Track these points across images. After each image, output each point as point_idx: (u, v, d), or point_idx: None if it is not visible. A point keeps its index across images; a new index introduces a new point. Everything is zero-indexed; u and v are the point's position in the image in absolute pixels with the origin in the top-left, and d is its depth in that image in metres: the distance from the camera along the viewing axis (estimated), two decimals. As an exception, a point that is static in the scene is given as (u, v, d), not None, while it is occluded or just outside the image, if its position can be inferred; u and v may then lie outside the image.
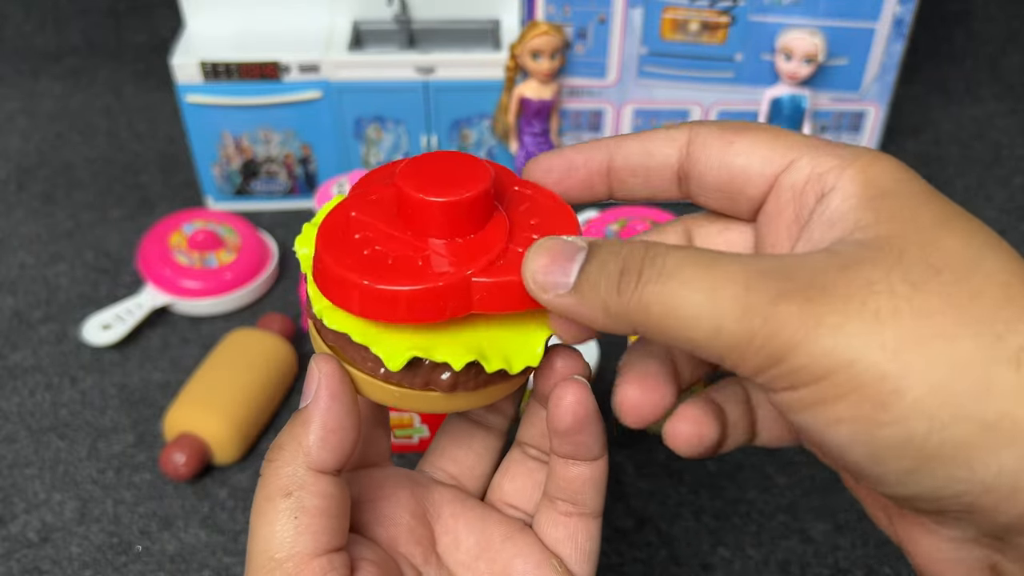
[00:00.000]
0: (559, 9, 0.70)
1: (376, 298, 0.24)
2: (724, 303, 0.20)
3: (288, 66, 0.70)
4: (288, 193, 0.78)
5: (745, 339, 0.20)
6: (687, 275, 0.21)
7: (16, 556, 0.52)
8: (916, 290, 0.19)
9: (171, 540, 0.53)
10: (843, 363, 0.19)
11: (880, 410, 0.19)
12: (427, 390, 0.26)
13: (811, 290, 0.20)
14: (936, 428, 0.19)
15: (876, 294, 0.19)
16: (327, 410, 0.25)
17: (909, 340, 0.19)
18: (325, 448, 0.25)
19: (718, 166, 0.25)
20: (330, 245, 0.25)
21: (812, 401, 0.20)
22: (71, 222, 0.77)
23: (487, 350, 0.26)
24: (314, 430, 0.25)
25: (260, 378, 0.58)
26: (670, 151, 0.26)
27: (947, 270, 0.20)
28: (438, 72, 0.71)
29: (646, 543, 0.53)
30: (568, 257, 0.23)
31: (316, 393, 0.25)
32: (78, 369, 0.63)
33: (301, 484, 0.25)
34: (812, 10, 0.68)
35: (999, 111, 0.91)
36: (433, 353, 0.25)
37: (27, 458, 0.57)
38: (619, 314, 0.22)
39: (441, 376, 0.26)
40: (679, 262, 0.21)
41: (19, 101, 0.93)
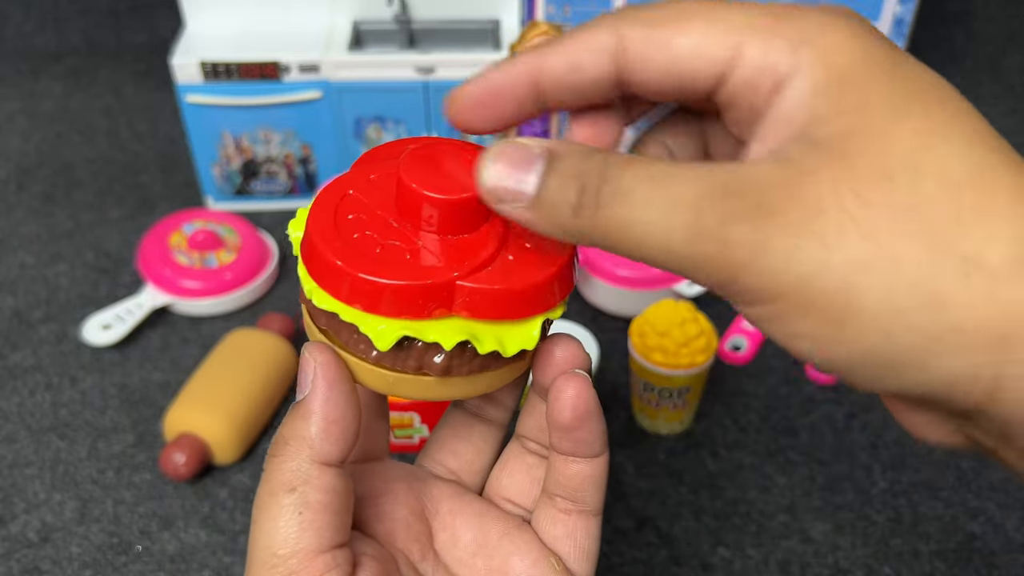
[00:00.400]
0: (559, 9, 0.70)
1: (360, 288, 0.24)
2: (676, 228, 0.20)
3: (288, 66, 0.70)
4: (288, 193, 0.78)
5: (699, 261, 0.20)
6: (641, 197, 0.21)
7: (16, 556, 0.52)
8: (864, 205, 0.19)
9: (171, 540, 0.53)
10: (794, 286, 0.20)
11: (835, 328, 0.20)
12: (420, 374, 0.25)
13: (759, 211, 0.20)
14: (890, 341, 0.19)
15: (822, 214, 0.19)
16: (327, 400, 0.25)
17: (857, 262, 0.19)
18: (328, 440, 0.25)
19: (659, 72, 0.24)
20: (321, 225, 0.25)
21: (770, 317, 0.20)
22: (71, 222, 0.77)
23: (480, 331, 0.25)
24: (315, 422, 0.25)
25: (260, 378, 0.58)
26: (602, 62, 0.24)
27: (898, 172, 0.20)
28: (438, 72, 0.71)
29: (646, 543, 0.53)
30: (526, 165, 0.23)
31: (314, 383, 0.25)
32: (78, 369, 0.63)
33: (305, 479, 0.25)
34: (812, 10, 0.68)
35: (999, 111, 0.91)
36: (424, 333, 0.24)
37: (27, 458, 0.57)
38: (577, 235, 0.22)
39: (434, 359, 0.25)
40: (634, 182, 0.21)
41: (19, 101, 0.93)
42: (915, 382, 0.20)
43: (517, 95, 0.25)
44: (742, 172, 0.21)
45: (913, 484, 0.57)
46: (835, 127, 0.20)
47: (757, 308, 0.21)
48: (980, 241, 0.19)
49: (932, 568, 0.52)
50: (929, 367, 0.19)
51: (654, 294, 0.65)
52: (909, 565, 0.52)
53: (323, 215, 0.25)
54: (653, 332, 0.56)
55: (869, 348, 0.20)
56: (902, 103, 0.20)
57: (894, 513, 0.55)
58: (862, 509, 0.55)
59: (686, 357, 0.55)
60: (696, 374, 0.56)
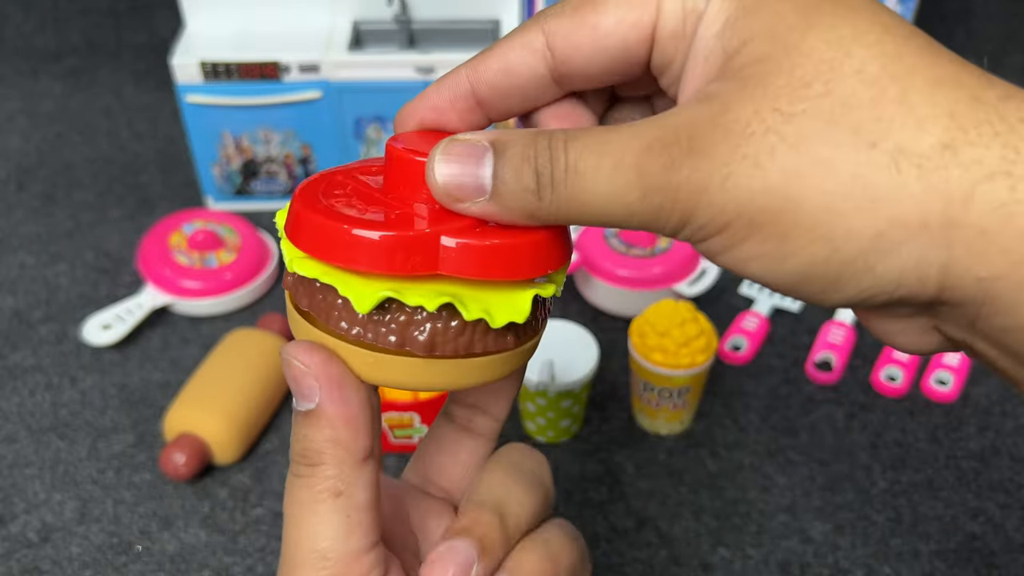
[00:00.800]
0: (559, 9, 0.70)
1: (339, 240, 0.23)
2: (626, 189, 0.21)
3: (288, 66, 0.70)
4: (288, 193, 0.78)
5: (654, 213, 0.21)
6: (590, 169, 0.21)
7: (16, 556, 0.52)
8: (787, 119, 0.20)
9: (171, 540, 0.53)
10: (737, 212, 0.20)
11: (781, 243, 0.20)
12: (403, 353, 0.24)
13: (692, 151, 0.20)
14: (834, 248, 0.20)
15: (750, 137, 0.20)
16: (341, 401, 0.24)
17: (790, 174, 0.19)
18: (361, 434, 0.25)
19: (592, 56, 0.24)
20: (306, 194, 0.25)
21: (723, 247, 0.21)
22: (71, 222, 0.77)
23: (465, 295, 0.24)
24: (341, 426, 0.24)
25: (260, 378, 0.58)
26: (533, 61, 0.24)
27: (815, 80, 0.20)
28: (438, 72, 0.71)
29: (646, 543, 0.53)
30: (476, 160, 0.23)
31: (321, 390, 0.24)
32: (78, 369, 0.63)
33: (351, 482, 0.24)
34: (812, 10, 0.68)
35: (999, 111, 0.91)
36: (405, 295, 0.23)
37: (27, 458, 0.57)
38: (545, 218, 0.23)
39: (416, 333, 0.24)
40: (579, 153, 0.22)
41: (19, 101, 0.93)
42: (868, 285, 0.20)
43: (460, 109, 0.26)
44: (671, 120, 0.21)
45: (913, 484, 0.57)
46: (749, 55, 0.21)
47: (711, 241, 0.21)
48: (906, 132, 0.19)
49: (932, 568, 0.52)
50: (877, 266, 0.20)
51: (654, 294, 0.65)
52: (909, 565, 0.52)
53: (310, 189, 0.25)
54: (653, 332, 0.56)
55: (815, 258, 0.20)
56: (812, 15, 0.21)
57: (894, 513, 0.55)
58: (862, 509, 0.55)
59: (686, 357, 0.55)
60: (696, 374, 0.56)
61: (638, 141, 0.21)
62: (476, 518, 0.26)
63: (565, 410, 0.57)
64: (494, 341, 0.25)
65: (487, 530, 0.26)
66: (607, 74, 0.24)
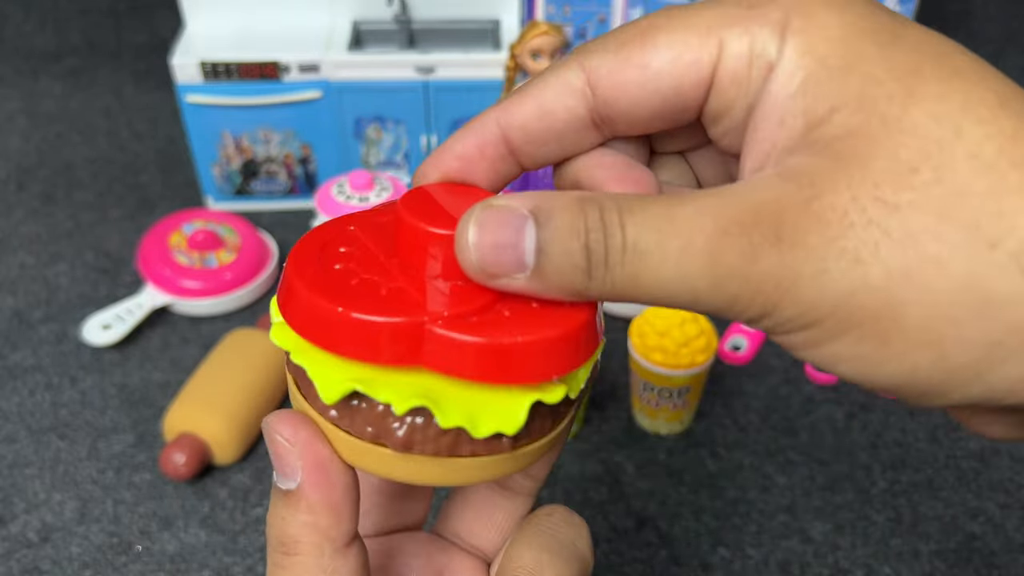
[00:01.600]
0: (559, 9, 0.70)
1: (314, 314, 0.21)
2: (696, 275, 0.19)
3: (288, 66, 0.70)
4: (288, 193, 0.78)
5: (728, 302, 0.19)
6: (654, 250, 0.19)
7: (16, 556, 0.52)
8: (892, 211, 0.18)
9: (171, 540, 0.53)
10: (831, 309, 0.18)
11: (881, 347, 0.18)
12: (377, 443, 0.22)
13: (780, 240, 0.18)
14: (942, 356, 0.18)
15: (848, 228, 0.18)
16: (325, 486, 0.22)
17: (896, 273, 0.17)
18: (343, 521, 0.23)
19: (640, 98, 0.21)
20: (304, 253, 0.22)
21: (810, 343, 0.19)
22: (71, 222, 0.77)
23: (444, 398, 0.21)
24: (324, 513, 0.22)
25: (260, 378, 0.58)
26: (572, 102, 0.22)
27: (923, 164, 0.17)
28: (438, 72, 0.71)
29: (646, 543, 0.53)
30: (516, 231, 0.20)
31: (303, 471, 0.22)
32: (78, 369, 0.63)
33: (332, 571, 0.23)
34: (812, 10, 0.68)
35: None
36: (374, 389, 0.21)
37: (27, 458, 0.57)
38: (595, 296, 0.20)
39: (393, 426, 0.21)
40: (639, 231, 0.19)
41: (19, 101, 0.93)
42: (975, 392, 0.18)
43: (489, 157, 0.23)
44: (750, 198, 0.19)
45: (913, 484, 0.57)
46: (840, 125, 0.18)
47: (794, 336, 0.19)
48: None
49: (932, 568, 0.52)
50: (989, 375, 0.18)
51: (654, 294, 0.65)
52: (909, 565, 0.52)
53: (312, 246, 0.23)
54: (653, 332, 0.56)
55: (919, 364, 0.18)
56: (913, 81, 0.18)
57: (894, 513, 0.55)
58: (862, 509, 0.55)
59: (686, 357, 0.55)
60: (696, 374, 0.56)
61: (711, 221, 0.19)
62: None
63: (565, 410, 0.57)
64: (484, 445, 0.22)
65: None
66: (654, 119, 0.22)
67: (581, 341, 0.21)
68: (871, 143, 0.18)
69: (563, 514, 0.27)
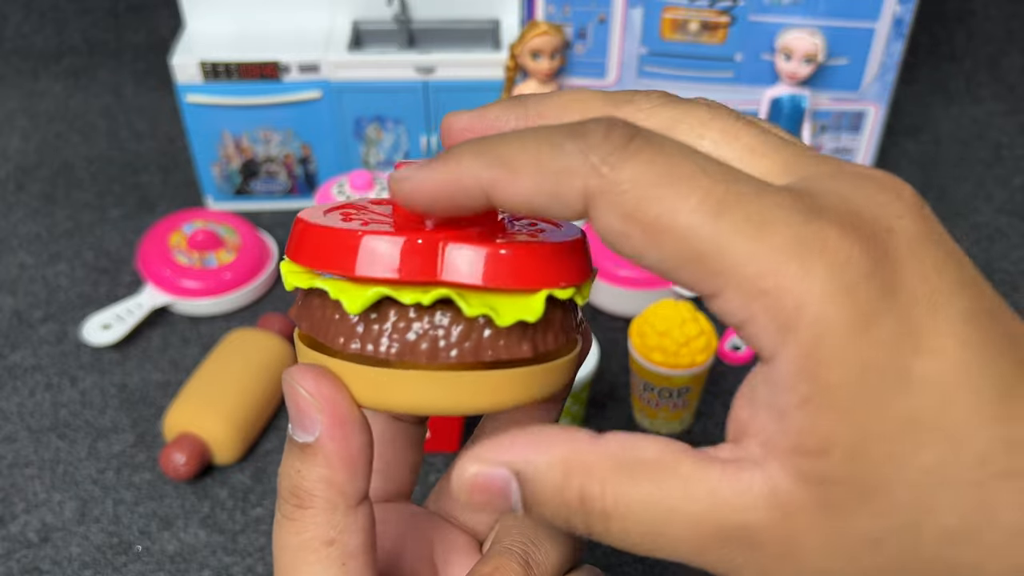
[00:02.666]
0: (559, 9, 0.70)
1: (337, 244, 0.22)
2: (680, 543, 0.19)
3: (288, 66, 0.70)
4: (288, 193, 0.78)
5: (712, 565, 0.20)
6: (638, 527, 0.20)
7: (16, 556, 0.52)
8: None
9: (171, 540, 0.53)
10: None
11: None
12: (405, 365, 0.22)
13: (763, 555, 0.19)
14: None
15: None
16: (344, 440, 0.23)
17: None
18: (357, 478, 0.23)
19: None
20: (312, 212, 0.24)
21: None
22: (71, 222, 0.77)
23: (467, 294, 0.22)
24: (341, 467, 0.23)
25: (260, 378, 0.58)
26: None
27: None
28: (438, 72, 0.71)
29: (646, 543, 0.53)
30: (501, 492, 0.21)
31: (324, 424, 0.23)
32: (78, 369, 0.63)
33: (343, 528, 0.23)
34: (812, 10, 0.68)
35: (999, 111, 0.91)
36: (401, 294, 0.22)
37: (27, 458, 0.57)
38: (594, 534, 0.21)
39: (415, 337, 0.22)
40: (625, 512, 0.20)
41: (19, 101, 0.93)
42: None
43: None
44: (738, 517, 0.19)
45: (913, 484, 0.56)
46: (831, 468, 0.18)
47: None
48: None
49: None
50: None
51: (654, 294, 0.65)
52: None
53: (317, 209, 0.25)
54: (653, 332, 0.56)
55: None
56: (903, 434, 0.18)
57: (894, 513, 0.55)
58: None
59: (686, 357, 0.55)
60: (696, 374, 0.56)
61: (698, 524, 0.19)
62: (499, 565, 0.25)
63: (564, 410, 0.57)
64: (506, 346, 0.22)
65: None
66: None
67: (579, 253, 0.23)
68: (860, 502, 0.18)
69: None
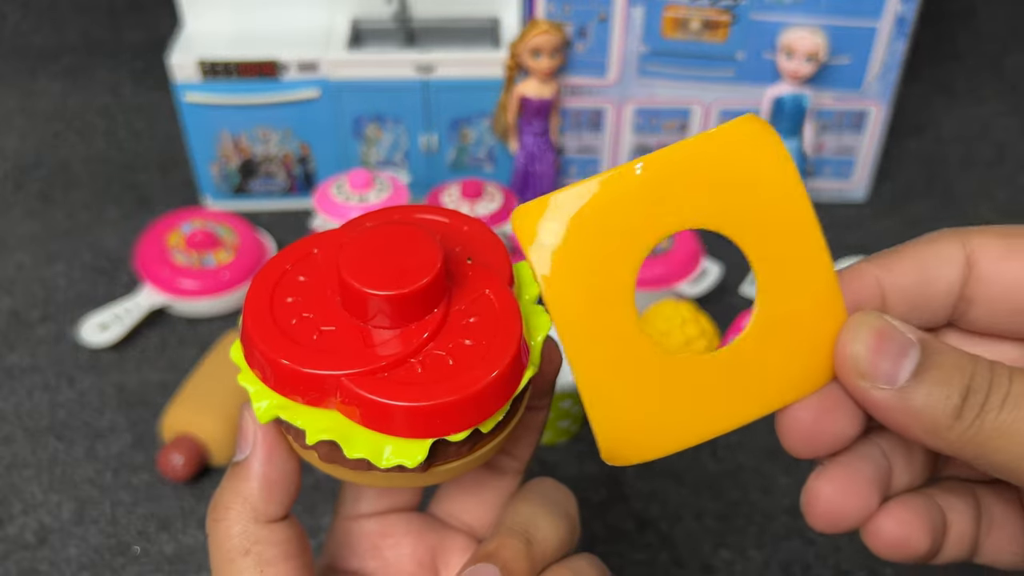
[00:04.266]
0: (559, 7, 0.69)
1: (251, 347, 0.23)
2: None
3: (287, 65, 0.70)
4: (287, 192, 0.78)
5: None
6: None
7: (14, 558, 0.51)
8: None
9: (169, 541, 0.52)
10: None
11: None
12: (309, 449, 0.24)
13: None
14: None
15: None
16: (267, 461, 0.25)
17: None
18: (272, 501, 0.25)
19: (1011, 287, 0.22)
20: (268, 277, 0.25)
21: None
22: (69, 222, 0.77)
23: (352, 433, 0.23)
24: (258, 485, 0.25)
25: (258, 379, 0.58)
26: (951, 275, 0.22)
27: None
28: (437, 71, 0.71)
29: (647, 544, 0.53)
30: (900, 349, 0.21)
31: (254, 445, 0.25)
32: (76, 369, 0.63)
33: (256, 539, 0.25)
34: (814, 8, 0.68)
35: (1002, 110, 0.91)
36: (295, 417, 0.23)
37: (24, 459, 0.57)
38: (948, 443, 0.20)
39: (319, 446, 0.24)
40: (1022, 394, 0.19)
41: (17, 100, 0.93)
42: None
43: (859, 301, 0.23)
44: None
45: (915, 485, 0.56)
46: None
47: None
48: None
49: (934, 569, 0.52)
50: None
51: (654, 294, 0.65)
52: (911, 567, 0.52)
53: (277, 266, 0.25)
54: (653, 332, 0.55)
55: None
56: None
57: (896, 514, 0.55)
58: (864, 510, 0.55)
59: (687, 357, 0.54)
60: (697, 375, 0.55)
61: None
62: (502, 543, 0.26)
63: (564, 411, 0.57)
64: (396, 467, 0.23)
65: (513, 555, 0.26)
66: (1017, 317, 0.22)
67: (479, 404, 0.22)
68: None
69: (553, 482, 0.29)
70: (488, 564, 0.25)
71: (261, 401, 0.24)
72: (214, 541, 0.25)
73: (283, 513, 0.26)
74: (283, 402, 0.23)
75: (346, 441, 0.23)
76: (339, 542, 0.30)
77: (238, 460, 0.25)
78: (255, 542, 0.25)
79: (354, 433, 0.23)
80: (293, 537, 0.26)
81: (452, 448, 0.24)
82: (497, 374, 0.22)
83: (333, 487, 0.55)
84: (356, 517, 0.30)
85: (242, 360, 0.24)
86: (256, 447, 0.25)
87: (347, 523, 0.30)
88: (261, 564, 0.25)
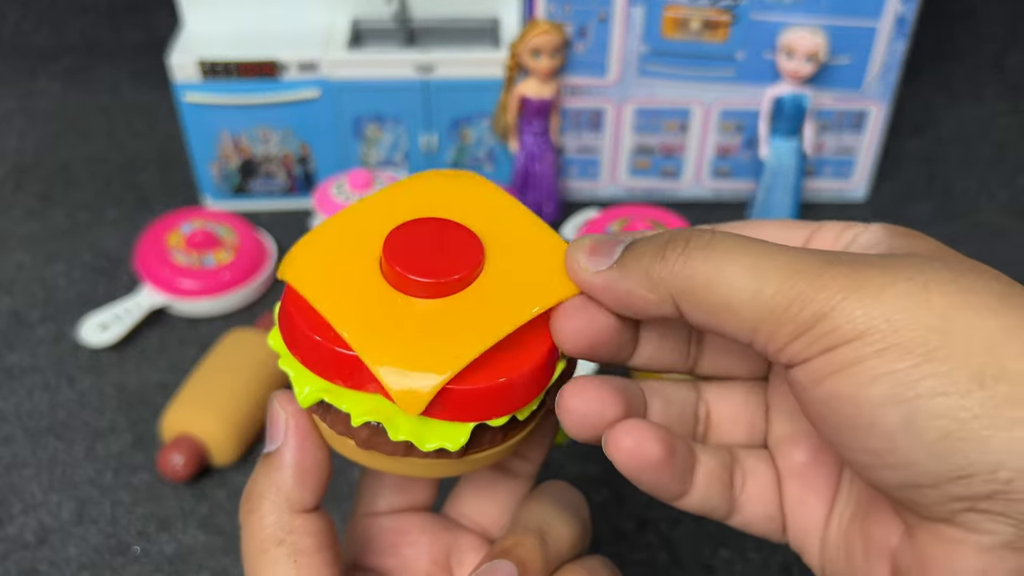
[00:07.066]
0: (559, 7, 0.69)
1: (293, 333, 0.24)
2: (768, 270, 0.21)
3: (287, 65, 0.70)
4: (287, 192, 0.78)
5: (784, 303, 0.20)
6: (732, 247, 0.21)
7: (13, 558, 0.51)
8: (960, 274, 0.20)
9: (169, 541, 0.52)
10: (883, 321, 0.19)
11: (924, 361, 0.19)
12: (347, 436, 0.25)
13: (857, 263, 0.20)
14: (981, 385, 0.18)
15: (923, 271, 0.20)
16: (300, 450, 0.25)
17: (957, 305, 0.19)
18: (304, 489, 0.25)
19: None
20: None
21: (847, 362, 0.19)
22: (68, 222, 0.77)
23: (397, 415, 0.24)
24: (291, 474, 0.25)
25: (258, 378, 0.58)
26: None
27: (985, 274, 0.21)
28: (438, 71, 0.71)
29: (647, 545, 0.53)
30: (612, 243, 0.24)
31: (286, 435, 0.25)
32: (75, 369, 0.63)
33: (290, 529, 0.25)
34: (814, 8, 0.68)
35: (1002, 110, 0.91)
36: (339, 400, 0.24)
37: (24, 459, 0.57)
38: (661, 279, 0.22)
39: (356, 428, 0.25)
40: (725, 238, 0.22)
41: (16, 100, 0.93)
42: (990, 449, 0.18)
43: None
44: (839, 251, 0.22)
45: (915, 485, 0.56)
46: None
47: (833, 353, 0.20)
48: None
49: None
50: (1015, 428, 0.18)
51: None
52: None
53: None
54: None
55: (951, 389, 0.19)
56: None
57: (896, 514, 0.54)
58: (864, 510, 0.55)
59: (687, 358, 0.54)
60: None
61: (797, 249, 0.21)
62: (517, 540, 0.26)
63: (565, 411, 0.57)
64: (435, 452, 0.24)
65: (528, 552, 0.26)
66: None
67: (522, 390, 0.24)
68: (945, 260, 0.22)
69: (566, 484, 0.30)
70: (504, 560, 0.25)
71: (304, 386, 0.24)
72: (247, 531, 0.25)
73: (316, 503, 0.26)
74: (326, 386, 0.24)
75: (391, 423, 0.23)
76: (359, 540, 0.30)
77: (269, 451, 0.26)
78: (289, 532, 0.25)
79: (398, 416, 0.23)
80: (325, 528, 0.26)
81: (487, 435, 0.24)
82: (537, 362, 0.24)
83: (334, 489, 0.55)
84: (375, 514, 0.30)
85: (281, 346, 0.25)
86: (288, 436, 0.25)
87: (366, 520, 0.30)
88: (295, 554, 0.25)
